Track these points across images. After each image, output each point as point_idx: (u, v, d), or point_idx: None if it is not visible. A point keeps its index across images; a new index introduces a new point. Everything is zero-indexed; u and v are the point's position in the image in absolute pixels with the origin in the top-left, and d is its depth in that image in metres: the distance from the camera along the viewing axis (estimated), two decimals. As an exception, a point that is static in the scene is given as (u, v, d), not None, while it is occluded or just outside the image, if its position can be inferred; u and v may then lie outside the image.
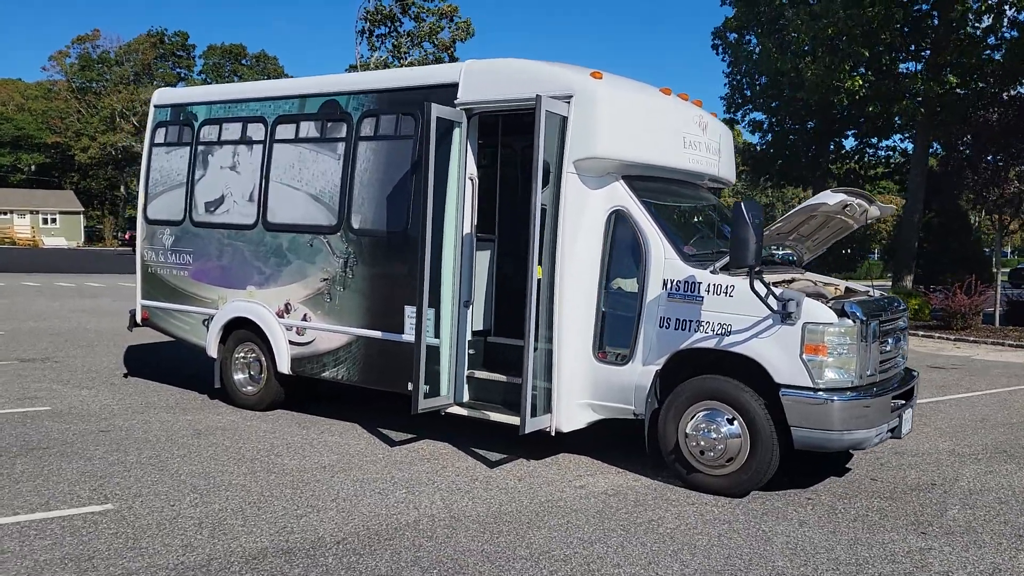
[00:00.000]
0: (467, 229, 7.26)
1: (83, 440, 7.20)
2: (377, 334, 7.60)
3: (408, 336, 7.38)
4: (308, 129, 8.15)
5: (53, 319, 16.23)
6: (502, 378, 7.30)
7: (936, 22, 22.30)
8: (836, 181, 30.26)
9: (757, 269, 5.68)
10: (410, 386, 7.36)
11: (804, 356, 5.79)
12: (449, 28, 47.01)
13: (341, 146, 7.88)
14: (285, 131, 8.33)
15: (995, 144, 18.10)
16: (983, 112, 19.23)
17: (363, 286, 7.69)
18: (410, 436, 7.64)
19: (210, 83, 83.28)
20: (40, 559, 4.65)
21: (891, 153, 27.94)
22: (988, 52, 21.10)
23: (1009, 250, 60.70)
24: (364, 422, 8.12)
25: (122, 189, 76.55)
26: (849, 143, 26.94)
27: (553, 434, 6.65)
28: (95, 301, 20.15)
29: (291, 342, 8.23)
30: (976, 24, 21.85)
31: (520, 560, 4.81)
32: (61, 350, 12.34)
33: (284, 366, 8.26)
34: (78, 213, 74.77)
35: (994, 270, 21.98)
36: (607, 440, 7.31)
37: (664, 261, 6.37)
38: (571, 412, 6.71)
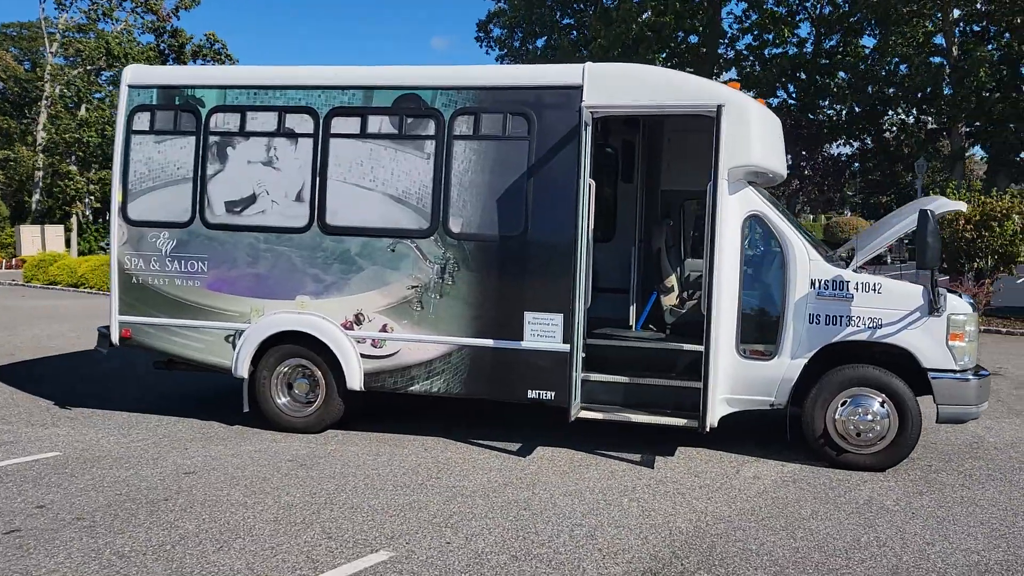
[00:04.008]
0: (588, 233, 7.25)
1: (209, 487, 6.10)
2: (488, 342, 7.29)
3: (529, 343, 7.21)
4: (380, 124, 7.51)
5: None
6: (623, 379, 7.41)
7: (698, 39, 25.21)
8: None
9: (935, 269, 6.51)
10: (530, 394, 7.27)
11: (949, 343, 6.73)
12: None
13: (430, 144, 7.39)
14: (345, 125, 7.58)
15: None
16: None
17: (468, 293, 7.31)
18: (518, 444, 7.46)
19: None
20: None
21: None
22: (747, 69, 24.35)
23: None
24: (444, 434, 7.73)
25: None
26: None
27: (708, 431, 6.93)
28: None
29: (364, 355, 7.56)
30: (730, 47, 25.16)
31: (855, 551, 5.16)
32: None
33: (355, 382, 7.56)
34: None
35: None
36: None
37: (809, 262, 6.95)
38: (717, 408, 7.05)
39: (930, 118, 26.13)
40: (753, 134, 6.96)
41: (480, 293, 7.31)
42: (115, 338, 8.15)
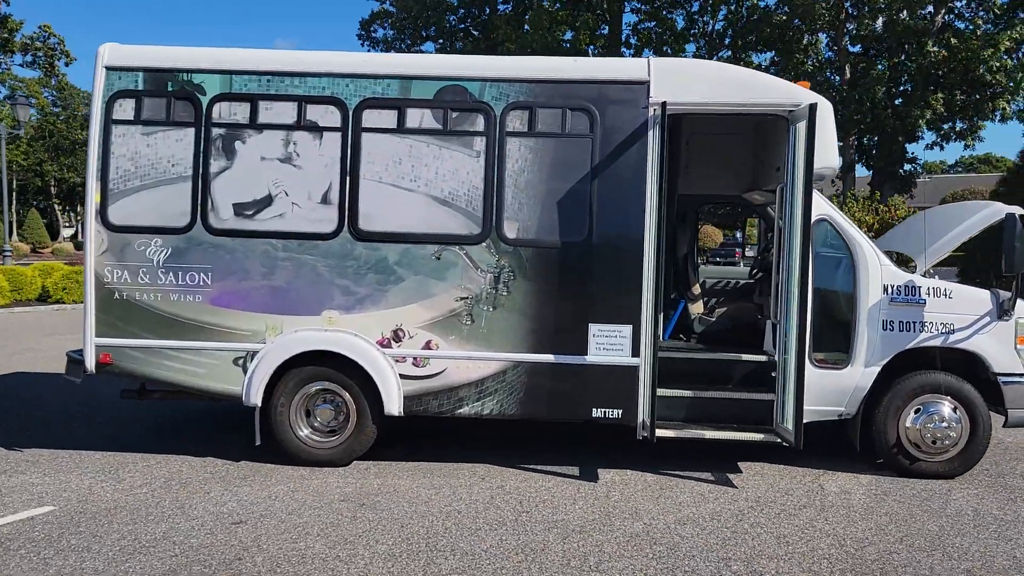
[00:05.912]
0: (657, 238, 6.76)
1: (279, 539, 5.12)
2: (548, 358, 6.66)
3: (594, 357, 6.64)
4: (421, 118, 6.73)
5: None
6: (687, 393, 6.98)
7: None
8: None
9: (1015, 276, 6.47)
10: (595, 412, 6.72)
11: (1018, 346, 6.72)
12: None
13: (479, 141, 6.70)
14: (379, 118, 6.75)
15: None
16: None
17: (525, 304, 6.66)
18: (571, 467, 6.89)
19: None
20: None
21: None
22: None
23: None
24: (485, 459, 7.02)
25: None
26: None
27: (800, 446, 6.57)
28: None
29: (404, 376, 6.74)
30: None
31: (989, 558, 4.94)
32: None
33: (394, 406, 6.72)
34: None
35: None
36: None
37: (881, 268, 6.78)
38: (795, 420, 6.73)
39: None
40: (830, 136, 6.73)
41: (539, 304, 6.67)
42: (90, 364, 6.88)
